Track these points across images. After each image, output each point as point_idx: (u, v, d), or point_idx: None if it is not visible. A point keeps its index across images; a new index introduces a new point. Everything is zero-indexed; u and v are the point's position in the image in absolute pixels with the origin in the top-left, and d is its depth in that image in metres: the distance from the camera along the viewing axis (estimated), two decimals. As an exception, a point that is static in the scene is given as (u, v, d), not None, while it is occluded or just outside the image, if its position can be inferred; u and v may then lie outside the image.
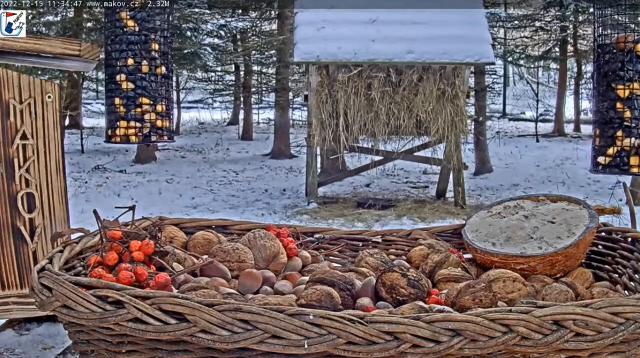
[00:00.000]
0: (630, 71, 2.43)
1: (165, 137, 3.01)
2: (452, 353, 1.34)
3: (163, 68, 2.95)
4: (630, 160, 2.44)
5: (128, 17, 2.89)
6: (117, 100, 2.90)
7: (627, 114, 2.42)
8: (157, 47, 2.93)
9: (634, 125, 2.42)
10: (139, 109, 2.90)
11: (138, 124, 2.91)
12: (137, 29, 2.90)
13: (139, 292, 1.39)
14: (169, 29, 3.00)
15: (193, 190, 8.68)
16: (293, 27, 7.92)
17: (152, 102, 2.91)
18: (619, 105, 2.46)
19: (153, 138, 2.97)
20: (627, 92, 2.41)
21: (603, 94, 2.52)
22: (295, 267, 1.99)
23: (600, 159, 2.51)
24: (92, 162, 11.12)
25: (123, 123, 2.91)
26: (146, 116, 2.91)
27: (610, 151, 2.46)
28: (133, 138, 2.94)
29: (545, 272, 1.93)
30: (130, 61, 2.89)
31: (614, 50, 2.49)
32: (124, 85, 2.90)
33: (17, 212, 2.69)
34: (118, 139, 2.94)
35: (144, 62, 2.90)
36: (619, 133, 2.45)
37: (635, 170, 2.44)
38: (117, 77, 2.90)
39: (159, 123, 2.95)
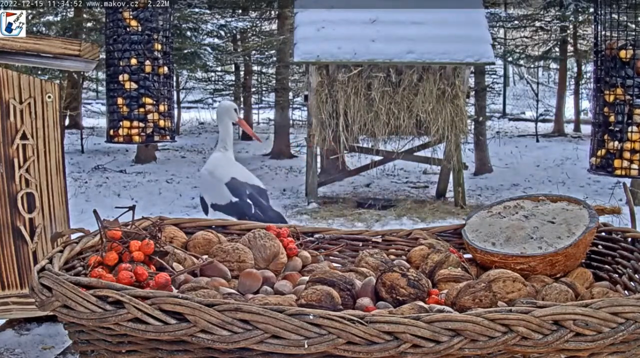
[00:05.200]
0: (614, 77, 2.49)
1: (168, 137, 3.02)
2: (452, 353, 1.34)
3: (165, 68, 2.95)
4: (614, 163, 2.51)
5: (131, 17, 2.89)
6: (119, 100, 2.90)
7: (612, 118, 2.50)
8: (159, 47, 2.93)
9: (617, 129, 2.49)
10: (142, 109, 2.90)
11: (141, 124, 2.91)
12: (139, 28, 2.90)
13: (139, 292, 1.39)
14: (170, 29, 3.00)
15: (193, 190, 8.67)
16: (293, 27, 7.91)
17: (155, 102, 2.91)
18: (606, 109, 2.53)
19: (156, 138, 2.98)
20: (612, 97, 2.49)
21: (597, 96, 2.59)
22: (295, 267, 1.99)
23: (592, 160, 2.62)
24: (92, 162, 11.10)
25: (126, 123, 2.91)
26: (149, 116, 2.91)
27: (599, 153, 2.54)
28: (136, 138, 2.94)
29: (545, 272, 1.93)
30: (133, 61, 2.89)
31: (604, 56, 2.55)
32: (127, 85, 2.90)
33: (17, 212, 2.69)
34: (121, 139, 2.94)
35: (147, 62, 2.90)
36: (607, 136, 2.52)
37: (618, 172, 2.56)
38: (120, 77, 2.89)
39: (161, 123, 2.95)
